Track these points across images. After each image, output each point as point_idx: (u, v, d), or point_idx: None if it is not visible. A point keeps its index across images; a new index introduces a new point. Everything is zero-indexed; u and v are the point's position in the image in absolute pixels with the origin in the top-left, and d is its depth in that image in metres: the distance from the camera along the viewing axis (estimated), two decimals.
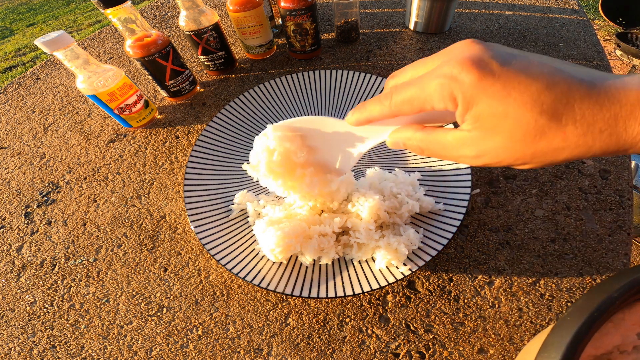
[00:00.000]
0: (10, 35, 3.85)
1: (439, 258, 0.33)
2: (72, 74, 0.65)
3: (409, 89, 0.17)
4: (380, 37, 0.63)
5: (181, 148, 0.47)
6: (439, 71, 0.16)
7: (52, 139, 0.52)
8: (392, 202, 0.33)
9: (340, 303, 0.31)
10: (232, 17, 0.52)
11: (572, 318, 0.13)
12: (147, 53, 0.45)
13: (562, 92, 0.13)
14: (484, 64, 0.15)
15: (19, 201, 0.43)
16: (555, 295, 0.30)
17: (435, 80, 0.16)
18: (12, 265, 0.37)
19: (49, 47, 0.36)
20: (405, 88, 0.17)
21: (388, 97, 0.18)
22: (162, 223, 0.39)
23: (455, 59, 0.15)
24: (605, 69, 0.51)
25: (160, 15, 0.80)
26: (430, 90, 0.16)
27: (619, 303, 0.14)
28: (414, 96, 0.17)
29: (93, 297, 0.34)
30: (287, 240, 0.30)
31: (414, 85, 0.17)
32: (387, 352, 0.28)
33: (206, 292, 0.33)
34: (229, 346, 0.30)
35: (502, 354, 0.27)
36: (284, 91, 0.48)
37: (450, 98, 0.16)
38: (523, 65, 0.14)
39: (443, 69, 0.16)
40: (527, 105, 0.14)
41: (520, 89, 0.14)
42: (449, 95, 0.15)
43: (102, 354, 0.30)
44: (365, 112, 0.20)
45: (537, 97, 0.14)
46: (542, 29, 0.61)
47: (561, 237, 0.33)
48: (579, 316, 0.13)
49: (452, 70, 0.15)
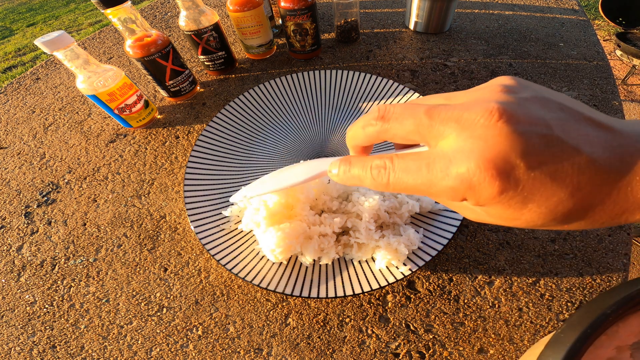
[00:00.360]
0: (10, 35, 3.85)
1: (439, 258, 0.33)
2: (72, 74, 0.65)
3: (411, 178, 0.14)
4: (380, 37, 0.63)
5: (181, 148, 0.47)
6: (454, 169, 0.13)
7: (52, 139, 0.52)
8: (392, 202, 0.33)
9: (340, 303, 0.31)
10: (232, 17, 0.53)
11: (565, 335, 0.14)
12: (147, 53, 0.45)
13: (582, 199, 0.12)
14: (510, 170, 0.12)
15: (19, 201, 0.43)
16: (555, 295, 0.30)
17: (447, 181, 0.13)
18: (12, 265, 0.37)
19: (49, 47, 0.36)
20: (407, 175, 0.14)
21: (383, 175, 0.15)
22: (162, 223, 0.39)
23: (475, 158, 0.12)
24: (605, 69, 0.51)
25: (160, 15, 0.80)
26: (439, 189, 0.14)
27: (612, 319, 0.14)
28: (417, 188, 0.14)
29: (93, 297, 0.34)
30: (288, 241, 0.30)
31: (418, 176, 0.14)
32: (387, 352, 0.28)
33: (206, 292, 0.33)
34: (229, 346, 0.30)
35: (502, 354, 0.27)
36: (284, 91, 0.48)
37: (461, 199, 0.14)
38: (555, 167, 0.12)
39: (459, 167, 0.13)
40: (541, 215, 0.13)
41: (540, 201, 0.12)
42: (459, 198, 0.14)
43: (102, 354, 0.30)
44: (352, 178, 0.17)
45: (554, 207, 0.12)
46: (542, 29, 0.61)
47: (561, 237, 0.33)
48: (573, 332, 0.14)
49: (470, 175, 0.12)
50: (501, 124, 0.12)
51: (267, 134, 0.46)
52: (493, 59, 0.55)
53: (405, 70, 0.55)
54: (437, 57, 0.57)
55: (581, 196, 0.12)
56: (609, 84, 0.49)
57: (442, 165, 0.13)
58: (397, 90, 0.45)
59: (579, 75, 0.51)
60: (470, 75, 0.52)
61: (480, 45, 0.58)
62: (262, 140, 0.45)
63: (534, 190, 0.12)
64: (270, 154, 0.44)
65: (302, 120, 0.47)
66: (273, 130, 0.46)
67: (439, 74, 0.53)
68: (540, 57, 0.55)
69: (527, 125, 0.12)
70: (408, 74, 0.54)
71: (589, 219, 0.13)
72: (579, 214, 0.12)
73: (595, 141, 0.12)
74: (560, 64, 0.53)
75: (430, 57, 0.57)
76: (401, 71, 0.55)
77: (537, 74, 0.52)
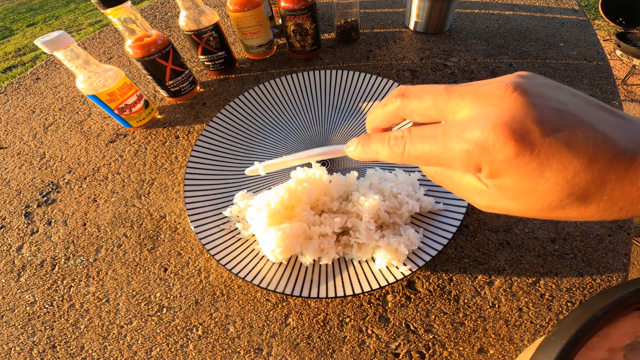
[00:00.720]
0: (10, 35, 3.85)
1: (439, 258, 0.33)
2: (72, 74, 0.65)
3: (427, 144, 0.14)
4: (380, 37, 0.63)
5: (181, 148, 0.47)
6: (468, 133, 0.13)
7: (52, 139, 0.52)
8: (392, 202, 0.33)
9: (340, 303, 0.31)
10: (232, 17, 0.53)
11: (556, 338, 0.14)
12: (147, 53, 0.45)
13: (599, 172, 0.12)
14: (524, 133, 0.12)
15: (19, 201, 0.43)
16: (555, 295, 0.30)
17: (461, 144, 0.13)
18: (12, 265, 0.37)
19: (49, 47, 0.36)
20: (423, 141, 0.15)
21: (400, 144, 0.16)
22: (162, 223, 0.39)
23: (490, 121, 0.12)
24: (605, 69, 0.51)
25: (160, 15, 0.80)
26: (453, 153, 0.14)
27: (602, 321, 0.14)
28: (432, 154, 0.14)
29: (93, 297, 0.34)
30: (288, 241, 0.30)
31: (433, 141, 0.14)
32: (387, 352, 0.28)
33: (206, 292, 0.33)
34: (229, 346, 0.30)
35: (502, 354, 0.27)
36: (284, 91, 0.48)
37: (475, 167, 0.13)
38: (570, 135, 0.12)
39: (473, 131, 0.13)
40: (558, 186, 0.12)
41: (558, 168, 0.12)
42: (474, 164, 0.13)
43: (102, 354, 0.30)
44: (369, 152, 0.18)
45: (571, 178, 0.12)
46: (542, 29, 0.61)
47: (561, 237, 0.33)
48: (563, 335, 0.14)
49: (484, 137, 0.12)
50: (516, 95, 0.13)
51: (267, 134, 0.46)
52: (493, 59, 0.55)
53: (405, 70, 0.55)
54: (437, 57, 0.57)
55: (598, 169, 0.12)
56: (609, 84, 0.49)
57: (457, 130, 0.13)
58: None
59: (579, 75, 0.51)
60: (470, 75, 0.52)
61: (480, 45, 0.58)
62: (262, 140, 0.45)
63: (549, 156, 0.12)
64: (270, 154, 0.44)
65: (302, 120, 0.47)
66: (273, 130, 0.46)
67: (439, 74, 0.53)
68: (540, 57, 0.55)
69: (540, 99, 0.13)
70: (408, 74, 0.54)
71: (607, 200, 0.12)
72: (598, 190, 0.12)
73: (609, 122, 0.12)
74: (560, 64, 0.53)
75: (430, 57, 0.57)
76: (401, 71, 0.55)
77: (537, 74, 0.51)
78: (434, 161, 0.15)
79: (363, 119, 0.46)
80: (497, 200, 0.14)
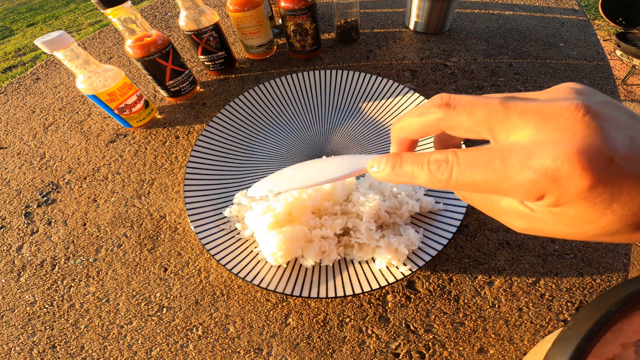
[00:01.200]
0: (10, 35, 3.85)
1: (439, 258, 0.33)
2: (72, 74, 0.65)
3: (480, 171, 0.13)
4: (380, 37, 0.63)
5: (181, 148, 0.47)
6: (536, 161, 0.11)
7: (52, 139, 0.52)
8: (392, 202, 0.33)
9: (340, 303, 0.31)
10: (232, 17, 0.53)
11: (572, 332, 0.14)
12: (147, 53, 0.45)
13: None
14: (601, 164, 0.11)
15: (19, 201, 0.43)
16: (555, 295, 0.30)
17: (527, 173, 0.12)
18: (12, 265, 0.37)
19: (49, 47, 0.36)
20: (475, 168, 0.13)
21: (444, 170, 0.14)
22: (162, 223, 0.39)
23: (563, 150, 0.11)
24: (605, 69, 0.51)
25: (160, 15, 0.80)
26: (515, 183, 0.12)
27: (618, 316, 0.14)
28: (487, 183, 0.13)
29: (93, 297, 0.34)
30: (289, 245, 0.30)
31: (490, 169, 0.13)
32: (387, 352, 0.28)
33: (206, 292, 0.33)
34: (229, 346, 0.30)
35: (502, 354, 0.27)
36: (284, 91, 0.48)
37: (538, 196, 0.12)
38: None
39: (542, 159, 0.11)
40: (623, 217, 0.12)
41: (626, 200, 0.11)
42: (537, 194, 0.12)
43: (102, 354, 0.30)
44: (402, 175, 0.16)
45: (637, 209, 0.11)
46: (542, 29, 0.61)
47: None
48: (580, 330, 0.14)
49: (557, 167, 0.11)
50: (588, 118, 0.11)
51: (267, 134, 0.46)
52: (493, 59, 0.55)
53: (405, 70, 0.55)
54: (437, 57, 0.57)
55: None
56: (609, 84, 0.49)
57: (521, 157, 0.12)
58: (397, 90, 0.45)
59: (579, 75, 0.51)
60: (470, 75, 0.52)
61: (480, 45, 0.58)
62: (262, 140, 0.45)
63: (621, 188, 0.11)
64: (270, 154, 0.44)
65: (302, 120, 0.47)
66: (273, 130, 0.46)
67: (439, 74, 0.53)
68: (540, 57, 0.55)
69: (610, 124, 0.12)
70: (408, 74, 0.54)
71: None
72: None
73: None
74: (560, 64, 0.53)
75: (430, 57, 0.57)
76: (401, 71, 0.55)
77: (537, 74, 0.52)
78: (488, 189, 0.13)
79: (363, 119, 0.46)
80: (545, 224, 0.13)
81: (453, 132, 0.15)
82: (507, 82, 0.51)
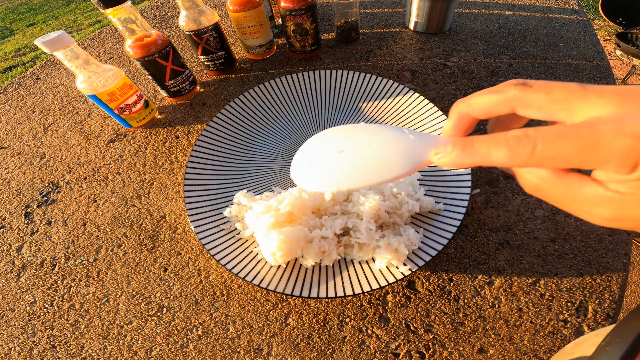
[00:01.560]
0: (10, 35, 3.85)
1: (439, 258, 0.33)
2: (72, 74, 0.65)
3: (569, 141, 0.12)
4: (380, 37, 0.63)
5: (181, 148, 0.47)
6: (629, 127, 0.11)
7: (52, 139, 0.52)
8: (392, 202, 0.33)
9: (340, 303, 0.31)
10: (232, 17, 0.53)
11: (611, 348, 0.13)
12: (147, 53, 0.45)
13: None
14: None
15: (19, 201, 0.43)
16: (555, 295, 0.30)
17: (621, 139, 0.11)
18: (12, 265, 0.37)
19: (49, 47, 0.36)
20: (562, 139, 0.13)
21: (527, 143, 0.13)
22: (162, 223, 0.39)
23: None
24: (605, 69, 0.51)
25: (160, 15, 0.80)
26: (610, 149, 0.12)
27: None
28: (578, 152, 0.12)
29: (93, 297, 0.34)
30: (289, 245, 0.30)
31: (579, 138, 0.12)
32: (387, 352, 0.28)
33: (206, 292, 0.33)
34: (229, 346, 0.30)
35: (502, 354, 0.27)
36: (284, 91, 0.48)
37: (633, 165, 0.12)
38: None
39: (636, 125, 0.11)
40: None
41: None
42: (633, 161, 0.12)
43: (102, 354, 0.30)
44: (475, 155, 0.15)
45: None
46: (542, 29, 0.61)
47: (561, 237, 0.33)
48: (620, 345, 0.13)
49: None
50: None
51: (267, 134, 0.46)
52: (493, 59, 0.55)
53: (405, 70, 0.55)
54: (437, 57, 0.57)
55: None
56: (609, 84, 0.49)
57: (612, 125, 0.12)
58: (397, 90, 0.45)
59: (579, 75, 0.51)
60: (470, 75, 0.52)
61: (480, 45, 0.58)
62: (262, 140, 0.45)
63: None
64: (270, 154, 0.44)
65: (302, 120, 0.47)
66: (273, 130, 0.46)
67: (439, 74, 0.53)
68: (540, 57, 0.55)
69: None
70: (408, 74, 0.54)
71: None
72: None
73: None
74: (560, 64, 0.53)
75: (430, 57, 0.57)
76: (401, 71, 0.55)
77: (537, 74, 0.52)
78: (577, 161, 0.13)
79: (363, 119, 0.46)
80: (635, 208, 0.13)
81: (525, 111, 0.15)
82: None
